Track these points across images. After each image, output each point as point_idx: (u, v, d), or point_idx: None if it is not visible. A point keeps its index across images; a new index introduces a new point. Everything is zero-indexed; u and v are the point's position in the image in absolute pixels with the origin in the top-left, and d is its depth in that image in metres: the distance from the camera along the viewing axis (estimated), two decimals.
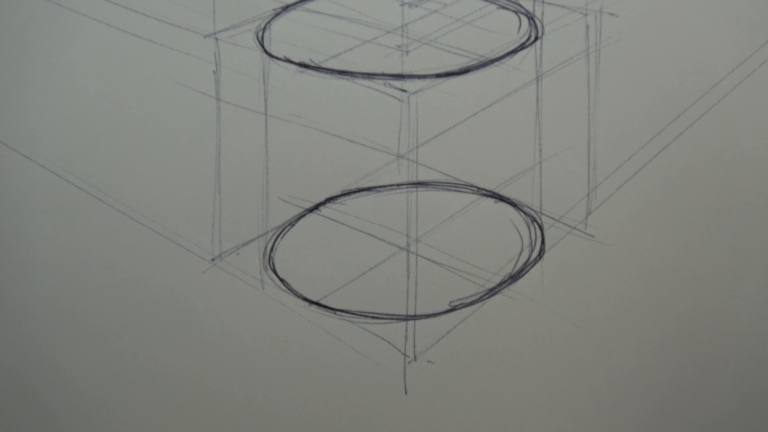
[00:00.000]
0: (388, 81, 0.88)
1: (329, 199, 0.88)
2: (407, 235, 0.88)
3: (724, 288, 0.88)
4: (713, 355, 0.87)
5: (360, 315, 0.87)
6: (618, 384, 0.86)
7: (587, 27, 0.88)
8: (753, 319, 0.88)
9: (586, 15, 0.88)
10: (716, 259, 0.88)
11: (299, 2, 0.88)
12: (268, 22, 0.88)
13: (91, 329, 0.87)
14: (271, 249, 0.88)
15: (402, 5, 0.88)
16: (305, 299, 0.88)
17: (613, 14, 0.88)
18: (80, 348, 0.86)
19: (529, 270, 0.88)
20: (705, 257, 0.88)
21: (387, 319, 0.87)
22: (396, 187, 0.88)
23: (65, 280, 0.88)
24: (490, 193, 0.88)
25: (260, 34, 0.88)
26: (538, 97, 0.88)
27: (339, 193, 0.88)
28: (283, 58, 0.88)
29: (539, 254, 0.88)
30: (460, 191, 0.88)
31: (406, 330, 0.87)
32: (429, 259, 0.88)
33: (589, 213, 0.88)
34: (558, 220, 0.88)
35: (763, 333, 0.87)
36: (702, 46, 0.89)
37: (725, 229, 0.88)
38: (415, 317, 0.87)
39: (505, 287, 0.88)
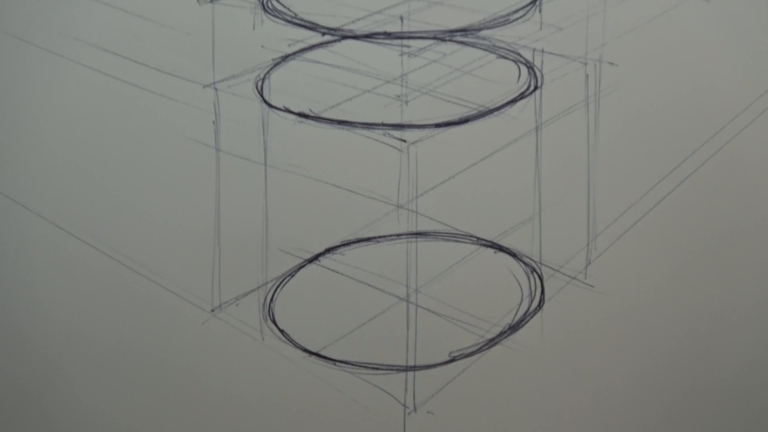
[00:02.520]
0: (388, 131, 0.88)
1: (329, 250, 0.88)
2: (407, 286, 0.88)
3: (725, 339, 0.88)
4: (714, 405, 0.87)
5: (360, 366, 0.87)
6: None
7: (587, 76, 0.88)
8: (752, 369, 0.88)
9: (585, 64, 0.88)
10: (717, 311, 0.88)
11: (298, 52, 0.88)
12: (268, 72, 0.88)
13: (90, 380, 0.87)
14: (271, 300, 0.88)
15: (401, 55, 0.88)
16: (305, 350, 0.87)
17: (612, 63, 0.88)
18: (78, 400, 0.86)
19: (528, 320, 0.88)
20: (705, 308, 0.88)
21: (387, 369, 0.87)
22: (395, 237, 0.88)
23: (64, 331, 0.88)
24: (489, 243, 0.88)
25: (260, 84, 0.88)
26: (537, 147, 0.88)
27: (338, 243, 0.88)
28: (282, 108, 0.88)
29: (539, 304, 0.88)
30: (460, 241, 0.88)
31: (406, 381, 0.86)
32: (429, 310, 0.88)
33: (589, 263, 0.88)
34: (558, 270, 0.88)
35: (762, 383, 0.87)
36: (701, 96, 0.88)
37: (726, 279, 0.88)
38: (414, 368, 0.87)
39: (504, 338, 0.87)
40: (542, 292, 0.88)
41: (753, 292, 0.88)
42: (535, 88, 0.88)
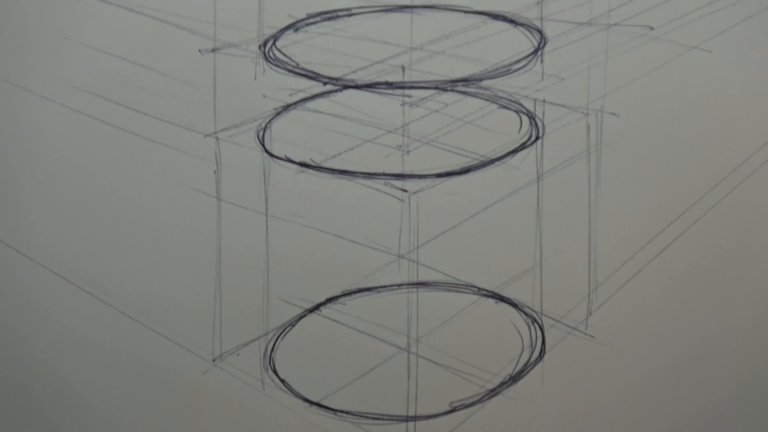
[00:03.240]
0: (389, 181, 0.88)
1: (330, 300, 0.88)
2: (408, 336, 0.88)
3: (726, 389, 0.88)
4: None
5: (361, 416, 0.87)
6: None
7: (588, 126, 0.88)
8: (756, 419, 0.88)
9: (587, 114, 0.88)
10: (718, 361, 0.88)
11: (300, 102, 0.88)
12: (269, 121, 0.88)
13: (91, 430, 0.87)
14: (272, 349, 0.88)
15: (403, 105, 0.88)
16: (306, 400, 0.87)
17: (614, 114, 0.88)
18: None
19: (529, 371, 0.88)
20: (707, 359, 0.88)
21: (388, 420, 0.87)
22: (397, 287, 0.88)
23: (64, 380, 0.88)
24: (490, 294, 0.88)
25: (261, 133, 0.88)
26: (538, 197, 0.88)
27: (340, 293, 0.88)
28: (283, 157, 0.88)
29: (540, 355, 0.88)
30: (461, 291, 0.88)
31: (407, 431, 0.87)
32: (429, 360, 0.88)
33: (590, 314, 0.88)
34: (558, 321, 0.88)
35: None
36: (703, 147, 0.88)
37: (727, 330, 0.88)
38: (415, 418, 0.87)
39: (505, 388, 0.88)
40: (543, 343, 0.88)
41: (755, 345, 0.88)
42: (537, 138, 0.88)
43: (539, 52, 0.88)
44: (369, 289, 0.88)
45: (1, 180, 0.89)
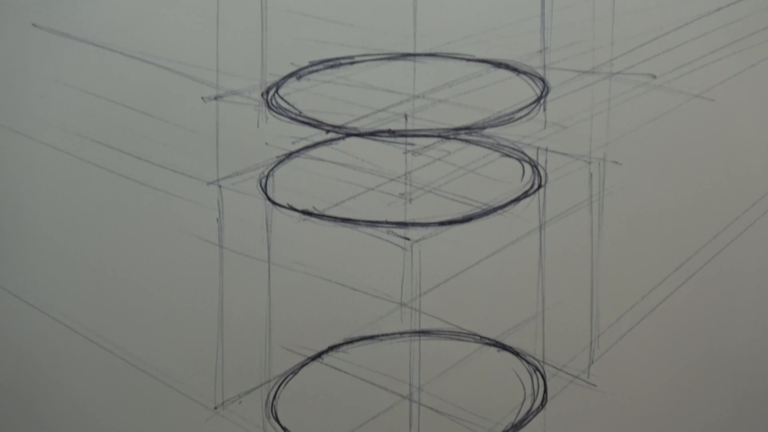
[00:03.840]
0: (392, 229, 0.88)
1: (332, 348, 0.88)
2: (410, 384, 0.88)
3: None
4: None
5: None
6: None
7: (590, 175, 0.88)
8: None
9: (589, 163, 0.88)
10: (719, 410, 0.88)
11: (302, 149, 0.88)
12: (272, 169, 0.88)
13: None
14: (274, 397, 0.88)
15: (405, 153, 0.88)
16: None
17: (616, 162, 0.88)
18: None
19: (531, 419, 0.88)
20: (707, 407, 0.88)
21: None
22: (399, 335, 0.88)
23: (68, 428, 0.88)
24: (492, 342, 0.88)
25: (263, 181, 0.88)
26: (541, 246, 0.88)
27: (342, 341, 0.88)
28: (286, 205, 0.88)
29: (541, 404, 0.88)
30: (463, 340, 0.88)
31: None
32: (432, 408, 0.88)
33: (592, 362, 0.88)
34: (560, 369, 0.88)
35: None
36: (705, 196, 0.88)
37: (728, 379, 0.89)
38: None
39: None
40: (545, 391, 0.88)
41: (753, 394, 0.89)
42: (539, 186, 0.88)
43: (542, 101, 0.88)
44: (371, 338, 0.88)
45: (4, 229, 0.89)
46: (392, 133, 0.88)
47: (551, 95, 0.88)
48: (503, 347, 0.88)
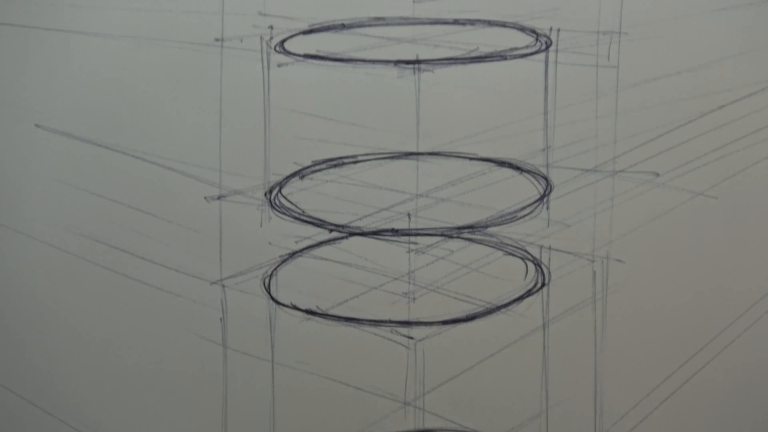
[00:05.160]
0: (395, 328, 0.88)
1: None
2: None
3: None
4: None
5: None
6: None
7: (594, 273, 0.88)
8: None
9: (593, 261, 0.88)
10: None
11: (306, 249, 0.88)
12: (275, 268, 0.88)
13: None
14: None
15: (409, 252, 0.88)
16: None
17: (620, 260, 0.88)
18: None
19: None
20: None
21: None
22: None
23: None
24: None
25: (267, 280, 0.88)
26: (544, 344, 0.88)
27: None
28: (289, 305, 0.88)
29: None
30: None
31: None
32: None
33: None
34: None
35: None
36: (709, 294, 0.88)
37: None
38: None
39: None
40: None
41: None
42: (542, 285, 0.88)
43: (545, 199, 0.88)
44: None
45: (6, 325, 0.89)
46: (395, 232, 0.88)
47: (554, 193, 0.88)
48: None
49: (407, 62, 0.87)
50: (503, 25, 0.87)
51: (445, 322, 0.88)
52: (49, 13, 0.88)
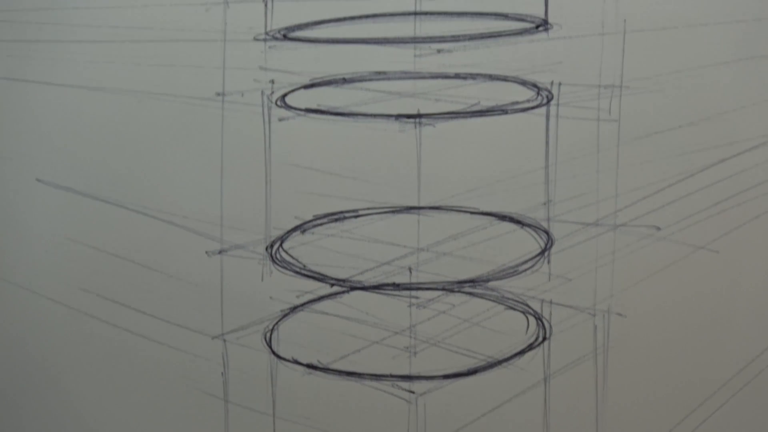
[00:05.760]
0: (396, 382, 0.88)
1: None
2: None
3: None
4: None
5: None
6: None
7: (595, 327, 0.88)
8: None
9: (594, 315, 0.88)
10: None
11: (307, 303, 0.88)
12: (276, 323, 0.88)
13: None
14: None
15: (410, 306, 0.88)
16: None
17: (621, 314, 0.88)
18: None
19: None
20: None
21: None
22: None
23: None
24: None
25: (268, 335, 0.88)
26: (546, 398, 0.88)
27: None
28: (291, 359, 0.88)
29: None
30: None
31: None
32: None
33: None
34: None
35: None
36: (710, 347, 0.88)
37: None
38: None
39: None
40: None
41: None
42: (543, 339, 0.88)
43: (546, 253, 0.88)
44: None
45: (7, 381, 0.89)
46: (396, 286, 0.88)
47: (555, 248, 0.88)
48: None
49: (408, 116, 0.88)
50: (504, 79, 0.87)
51: (446, 377, 0.88)
52: (50, 68, 0.88)
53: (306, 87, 0.88)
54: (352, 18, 0.87)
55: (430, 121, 0.87)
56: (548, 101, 0.87)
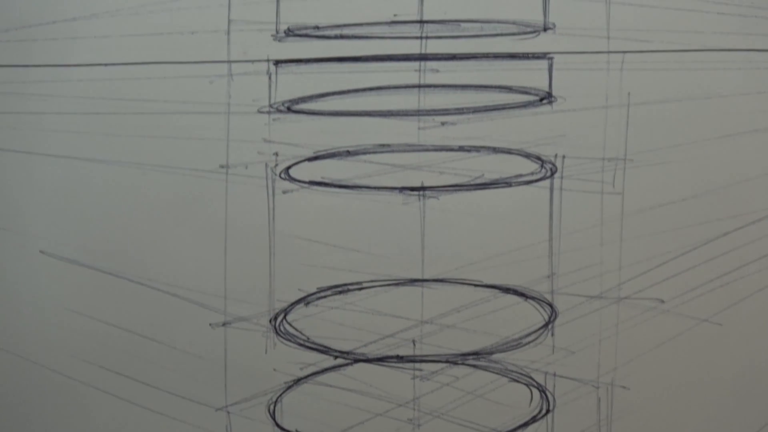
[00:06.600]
0: None
1: None
2: None
3: None
4: None
5: None
6: None
7: (599, 400, 0.88)
8: None
9: (597, 388, 0.88)
10: None
11: (311, 375, 0.88)
12: (280, 395, 0.88)
13: None
14: None
15: (413, 378, 0.88)
16: None
17: (624, 387, 0.88)
18: None
19: None
20: None
21: None
22: None
23: None
24: None
25: (272, 407, 0.88)
26: None
27: None
28: (294, 431, 0.88)
29: None
30: None
31: None
32: None
33: None
34: None
35: None
36: (714, 419, 0.88)
37: None
38: None
39: None
40: None
41: None
42: (547, 411, 0.88)
43: (550, 326, 0.88)
44: None
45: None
46: (400, 358, 0.88)
47: (559, 320, 0.88)
48: None
49: (412, 189, 0.88)
50: (508, 151, 0.87)
51: None
52: (53, 140, 0.89)
53: (310, 159, 0.88)
54: (356, 90, 0.87)
55: (434, 193, 0.88)
56: (552, 174, 0.87)
